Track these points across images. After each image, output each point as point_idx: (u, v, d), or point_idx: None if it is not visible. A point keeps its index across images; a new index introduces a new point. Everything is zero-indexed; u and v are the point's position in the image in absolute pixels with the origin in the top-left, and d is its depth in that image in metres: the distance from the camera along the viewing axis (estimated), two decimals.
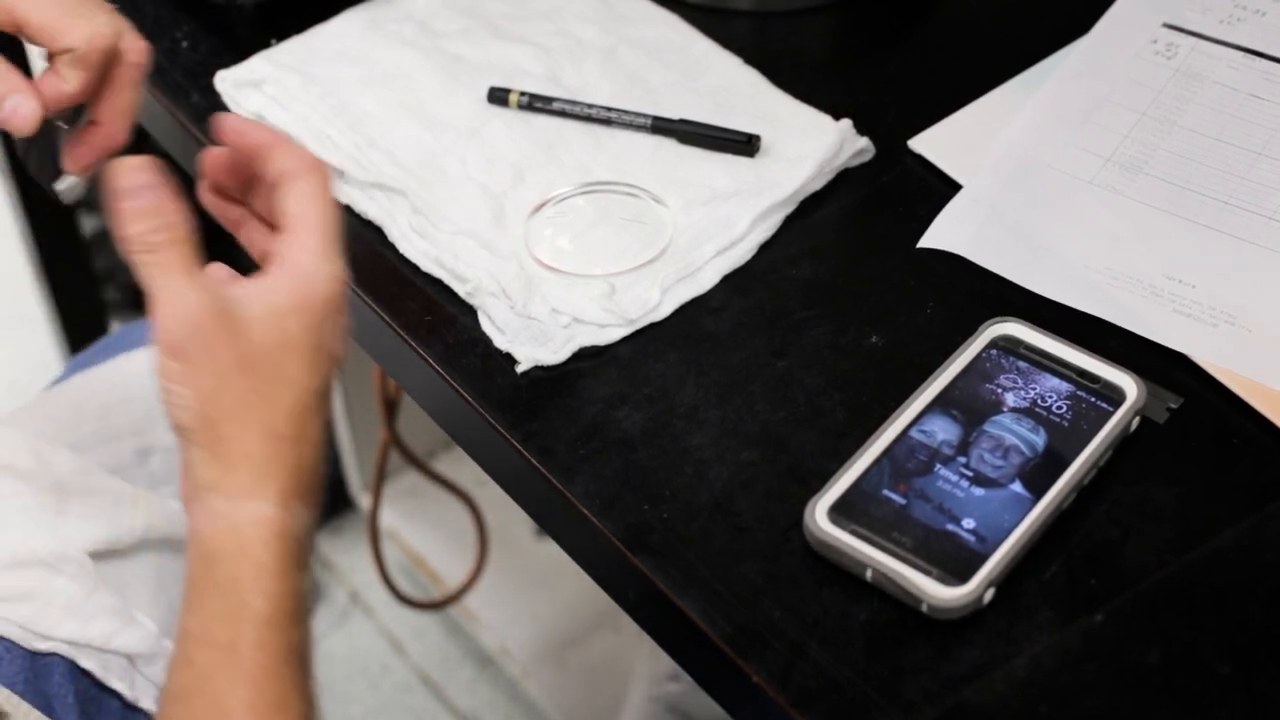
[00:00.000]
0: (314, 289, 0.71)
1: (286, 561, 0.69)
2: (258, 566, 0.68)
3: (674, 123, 0.95)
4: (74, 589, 0.93)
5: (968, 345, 0.82)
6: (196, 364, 0.69)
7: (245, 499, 0.69)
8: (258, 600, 0.68)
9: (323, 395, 0.72)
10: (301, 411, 0.70)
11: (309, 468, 0.71)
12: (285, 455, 0.70)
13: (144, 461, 1.05)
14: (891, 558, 0.73)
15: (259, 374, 0.70)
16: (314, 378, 0.71)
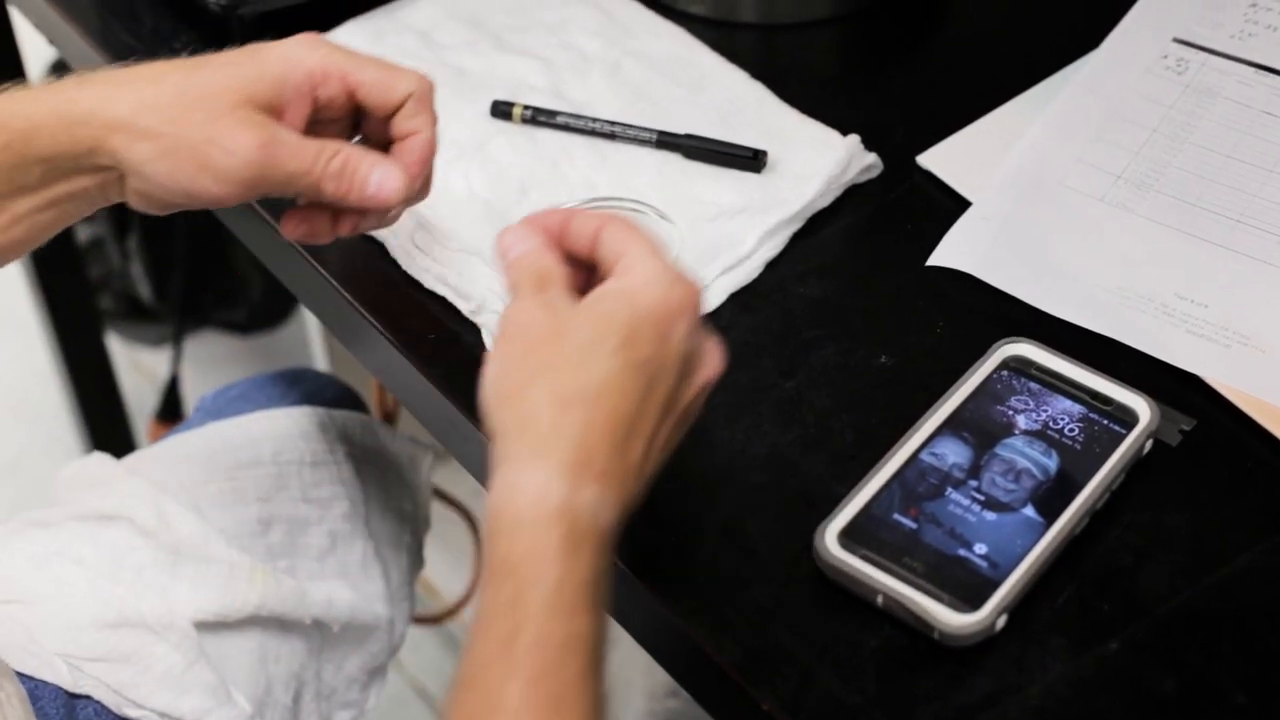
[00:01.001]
0: (646, 296, 0.69)
1: (567, 545, 0.63)
2: (537, 550, 0.64)
3: (679, 137, 0.94)
4: (175, 658, 0.91)
5: (978, 366, 0.81)
6: (508, 338, 0.69)
7: (528, 467, 0.65)
8: (536, 588, 0.63)
9: (652, 401, 0.68)
10: (601, 390, 0.66)
11: (604, 449, 0.66)
12: (576, 421, 0.66)
13: (265, 532, 1.03)
14: (903, 583, 0.72)
15: (560, 346, 0.68)
16: (626, 369, 0.67)
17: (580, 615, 0.63)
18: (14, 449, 2.00)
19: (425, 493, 1.16)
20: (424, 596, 1.73)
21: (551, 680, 0.62)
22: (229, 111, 0.76)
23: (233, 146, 0.76)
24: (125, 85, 0.78)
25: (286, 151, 0.77)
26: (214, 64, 0.78)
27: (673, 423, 0.70)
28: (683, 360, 0.70)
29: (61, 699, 0.89)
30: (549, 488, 0.64)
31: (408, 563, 1.14)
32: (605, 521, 0.66)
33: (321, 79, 0.79)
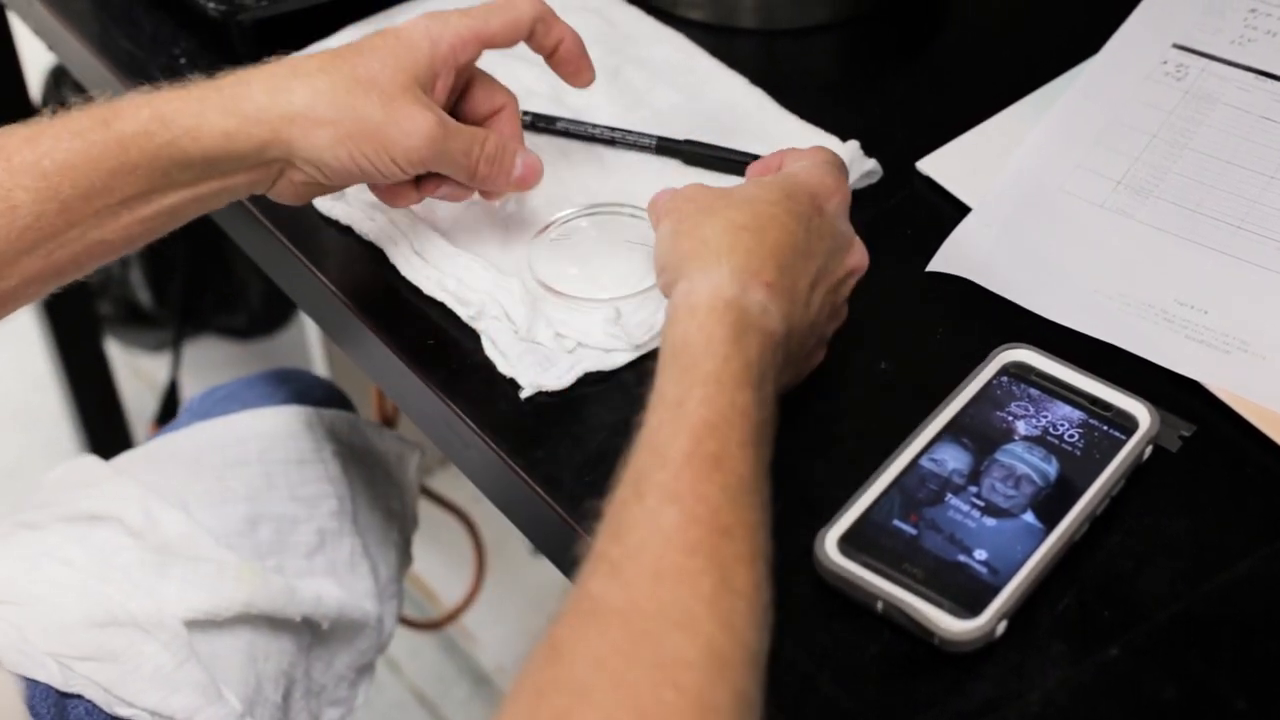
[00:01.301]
0: (804, 174, 0.80)
1: (736, 329, 0.70)
2: (707, 331, 0.70)
3: (679, 143, 0.94)
4: (164, 657, 0.92)
5: (978, 372, 0.81)
6: (680, 201, 0.79)
7: (704, 274, 0.73)
8: (706, 361, 0.69)
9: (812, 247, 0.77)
10: (766, 222, 0.75)
11: (771, 265, 0.73)
12: (745, 240, 0.74)
13: (253, 530, 1.03)
14: (902, 589, 0.72)
15: (730, 197, 0.77)
16: (788, 213, 0.76)
17: (745, 390, 0.69)
18: (13, 454, 2.00)
19: (413, 491, 1.16)
20: (424, 602, 1.73)
21: (714, 440, 0.67)
22: (401, 94, 0.81)
23: (410, 128, 0.81)
24: (293, 78, 0.81)
25: (454, 132, 0.83)
26: (368, 50, 0.82)
27: (825, 288, 0.78)
28: (835, 232, 0.78)
29: (52, 698, 0.89)
30: (722, 285, 0.72)
31: (396, 560, 1.15)
32: (772, 323, 0.72)
33: (461, 47, 0.84)
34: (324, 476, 1.08)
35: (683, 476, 0.66)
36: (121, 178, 0.80)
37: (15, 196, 0.78)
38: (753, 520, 0.66)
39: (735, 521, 0.65)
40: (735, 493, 0.66)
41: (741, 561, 0.64)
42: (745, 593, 0.63)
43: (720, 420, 0.67)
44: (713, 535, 0.64)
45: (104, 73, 1.06)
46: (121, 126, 0.79)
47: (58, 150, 0.79)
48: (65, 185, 0.79)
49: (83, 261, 0.84)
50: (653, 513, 0.65)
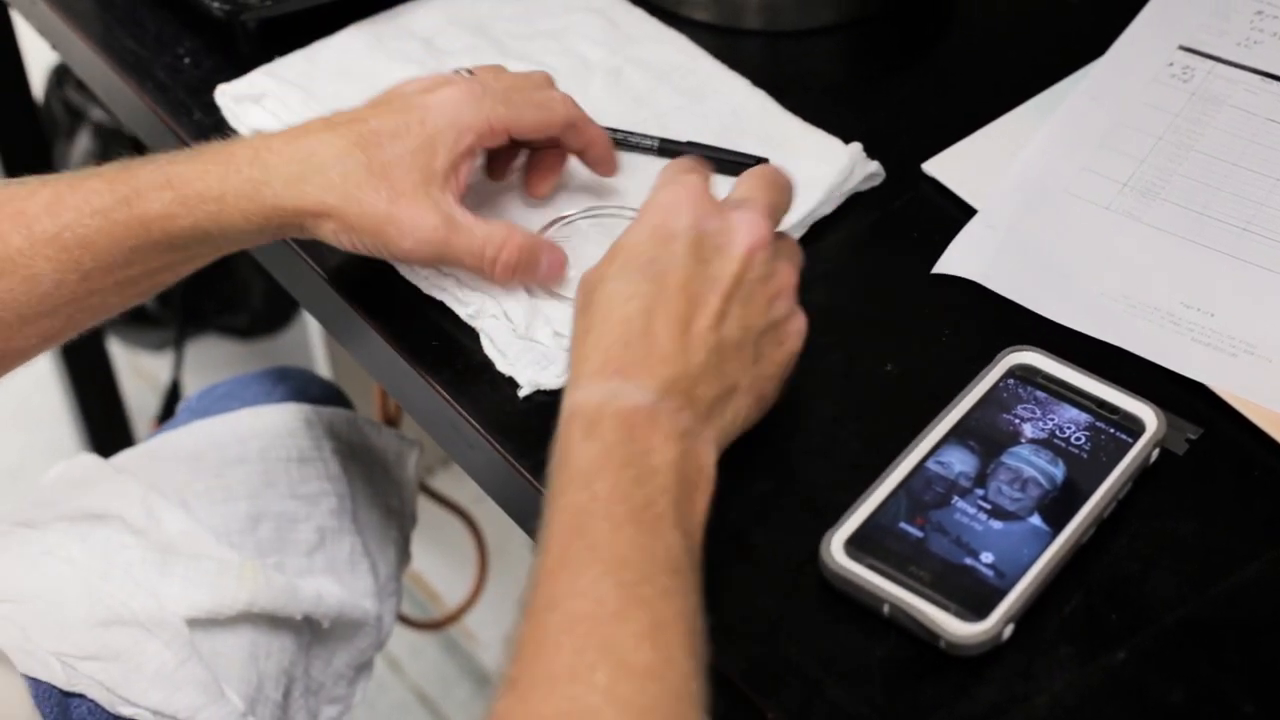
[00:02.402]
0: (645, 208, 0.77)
1: (580, 433, 0.69)
2: (560, 449, 0.70)
3: (682, 145, 0.94)
4: (166, 656, 0.92)
5: (984, 374, 0.81)
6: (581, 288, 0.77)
7: (565, 398, 0.72)
8: (559, 476, 0.69)
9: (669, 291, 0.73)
10: (607, 309, 0.73)
11: (617, 349, 0.72)
12: (590, 347, 0.72)
13: (254, 528, 1.03)
14: (909, 593, 0.71)
15: (588, 293, 0.75)
16: (624, 279, 0.74)
17: (602, 479, 0.67)
18: (15, 454, 2.00)
19: (412, 488, 1.16)
20: (426, 602, 1.73)
21: (579, 539, 0.66)
22: (411, 190, 0.81)
23: (410, 228, 0.81)
24: (309, 166, 0.81)
25: (459, 236, 0.82)
26: (389, 136, 0.82)
27: (718, 299, 0.74)
28: (693, 244, 0.74)
29: (56, 697, 0.89)
30: (572, 398, 0.71)
31: (395, 558, 1.15)
32: (634, 401, 0.70)
33: (489, 137, 0.84)
34: (323, 474, 1.08)
35: (556, 583, 0.65)
36: (143, 254, 0.82)
37: (36, 265, 0.81)
38: (646, 595, 0.64)
39: (623, 604, 0.64)
40: (617, 577, 0.65)
41: (642, 639, 0.63)
42: (651, 671, 0.62)
43: (581, 518, 0.67)
44: (600, 625, 0.63)
45: (107, 72, 1.06)
46: (144, 208, 0.81)
47: (79, 225, 0.81)
48: (86, 258, 0.81)
49: (101, 318, 0.86)
50: (539, 625, 0.64)
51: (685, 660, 0.64)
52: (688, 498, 0.69)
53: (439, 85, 0.84)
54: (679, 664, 0.63)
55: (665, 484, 0.68)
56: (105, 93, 1.11)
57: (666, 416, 0.70)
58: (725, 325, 0.74)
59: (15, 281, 0.81)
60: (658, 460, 0.69)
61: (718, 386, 0.73)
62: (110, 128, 1.82)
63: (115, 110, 1.12)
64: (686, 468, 0.70)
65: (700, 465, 0.71)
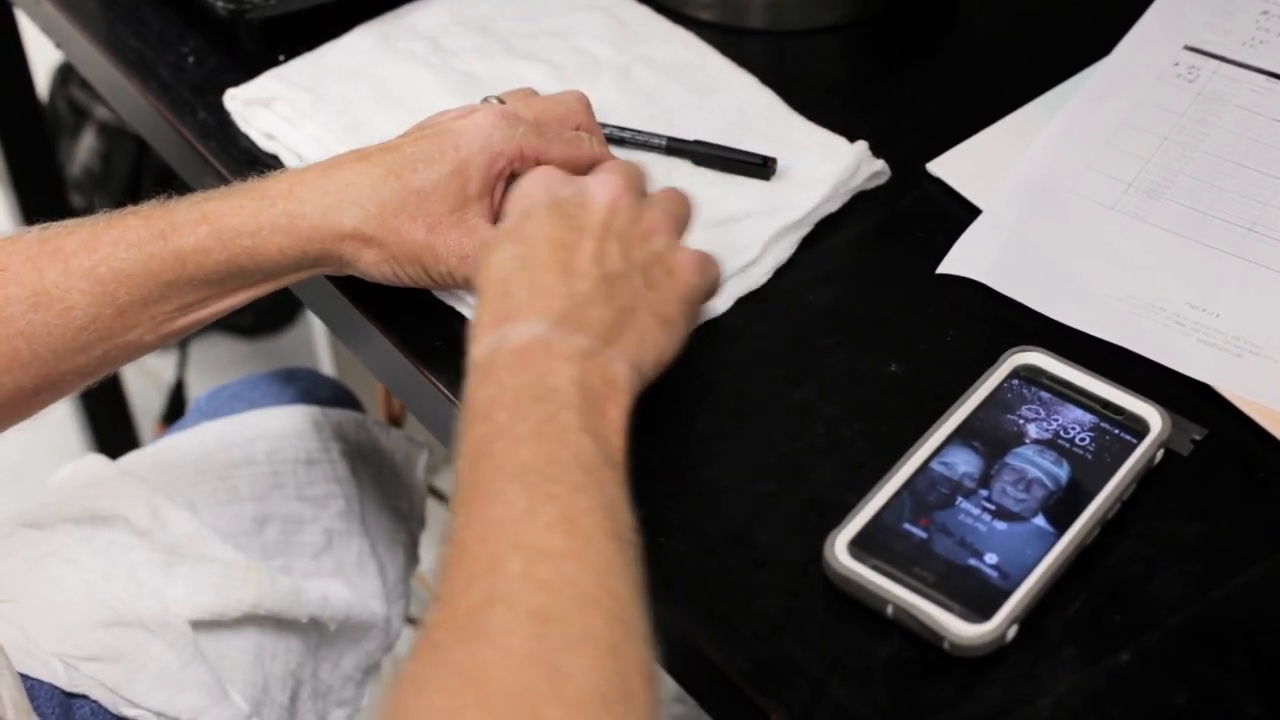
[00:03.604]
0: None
1: (478, 377, 0.70)
2: (465, 400, 0.70)
3: (688, 144, 0.94)
4: (170, 657, 0.92)
5: (989, 375, 0.80)
6: None
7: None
8: (462, 418, 0.69)
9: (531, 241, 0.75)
10: (486, 274, 0.74)
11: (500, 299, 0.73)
12: (479, 312, 0.74)
13: (260, 530, 1.03)
14: (913, 593, 0.71)
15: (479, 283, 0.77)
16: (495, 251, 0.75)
17: (498, 411, 0.68)
18: (17, 453, 1.99)
19: (421, 490, 1.16)
20: (428, 599, 1.72)
21: (484, 462, 0.66)
22: (448, 215, 0.82)
23: (447, 255, 0.82)
24: (345, 196, 0.81)
25: None
26: (423, 163, 0.82)
27: (591, 244, 0.75)
28: (554, 209, 0.77)
29: (58, 698, 0.89)
30: (471, 354, 0.72)
31: (404, 560, 1.15)
32: (523, 336, 0.71)
33: (520, 162, 0.83)
34: (331, 476, 1.08)
35: (468, 505, 0.65)
36: (179, 288, 0.82)
37: (72, 298, 0.81)
38: (555, 492, 0.65)
39: (531, 503, 0.64)
40: (522, 483, 0.65)
41: (554, 528, 0.63)
42: (566, 553, 0.63)
43: (483, 446, 0.67)
44: (512, 525, 0.64)
45: (111, 71, 1.06)
46: (179, 242, 0.81)
47: (114, 258, 0.81)
48: (122, 292, 0.81)
49: (135, 357, 0.86)
50: (456, 543, 0.64)
51: (604, 541, 0.64)
52: (596, 409, 0.69)
53: (471, 112, 0.84)
54: (596, 543, 0.64)
55: (567, 399, 0.69)
56: (109, 91, 1.11)
57: (559, 341, 0.71)
58: (605, 259, 0.75)
59: (51, 315, 0.81)
60: (557, 380, 0.69)
61: (611, 310, 0.73)
62: (114, 126, 1.82)
63: (119, 109, 1.12)
64: (590, 380, 0.70)
65: (607, 377, 0.71)
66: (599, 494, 0.66)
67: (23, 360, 0.81)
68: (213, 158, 0.98)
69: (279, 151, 0.97)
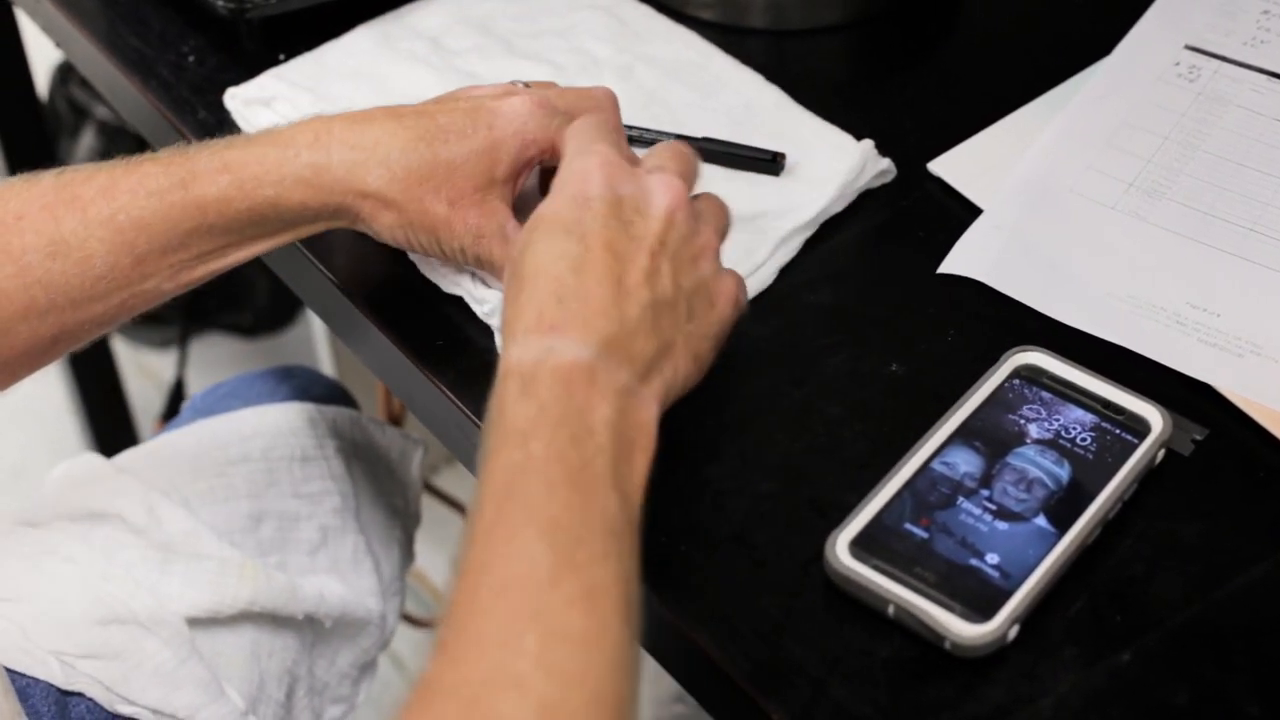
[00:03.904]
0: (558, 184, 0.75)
1: (515, 391, 0.67)
2: (494, 406, 0.68)
3: (696, 140, 0.93)
4: (166, 654, 0.92)
5: (990, 375, 0.80)
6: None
7: (504, 351, 0.70)
8: (493, 434, 0.67)
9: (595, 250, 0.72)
10: (536, 266, 0.71)
11: (550, 305, 0.70)
12: (521, 303, 0.71)
13: (255, 527, 1.03)
14: (914, 593, 0.71)
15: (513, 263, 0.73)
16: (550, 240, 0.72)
17: (537, 439, 0.66)
18: (17, 452, 2.00)
19: (416, 487, 1.16)
20: (429, 599, 1.73)
21: (513, 500, 0.64)
22: (470, 193, 0.80)
23: (463, 232, 0.81)
24: (373, 156, 0.80)
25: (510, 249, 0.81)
26: (456, 136, 0.80)
27: (645, 256, 0.72)
28: (610, 206, 0.73)
29: (54, 696, 0.89)
30: (505, 356, 0.69)
31: (399, 557, 1.15)
32: (569, 357, 0.68)
33: (550, 154, 0.82)
34: (327, 473, 1.08)
35: (490, 545, 0.63)
36: (199, 236, 0.81)
37: (90, 246, 0.80)
38: (581, 559, 0.63)
39: (557, 568, 0.62)
40: (551, 539, 0.63)
41: (574, 605, 0.61)
42: (584, 637, 0.61)
43: (515, 478, 0.65)
44: (534, 590, 0.62)
45: (111, 70, 1.06)
46: (200, 190, 0.80)
47: (134, 207, 0.80)
48: (141, 241, 0.80)
49: (153, 304, 0.85)
50: (470, 589, 0.63)
51: (620, 627, 0.62)
52: (626, 458, 0.68)
53: (509, 94, 0.82)
54: (613, 631, 0.62)
55: (602, 443, 0.67)
56: (109, 90, 1.11)
57: (604, 373, 0.68)
58: (657, 281, 0.72)
59: (69, 264, 0.80)
60: (595, 418, 0.67)
61: (654, 343, 0.71)
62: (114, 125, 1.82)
63: (119, 108, 1.12)
64: (625, 426, 0.68)
65: (640, 423, 0.69)
66: (618, 565, 0.64)
67: (40, 309, 0.81)
68: None
69: None
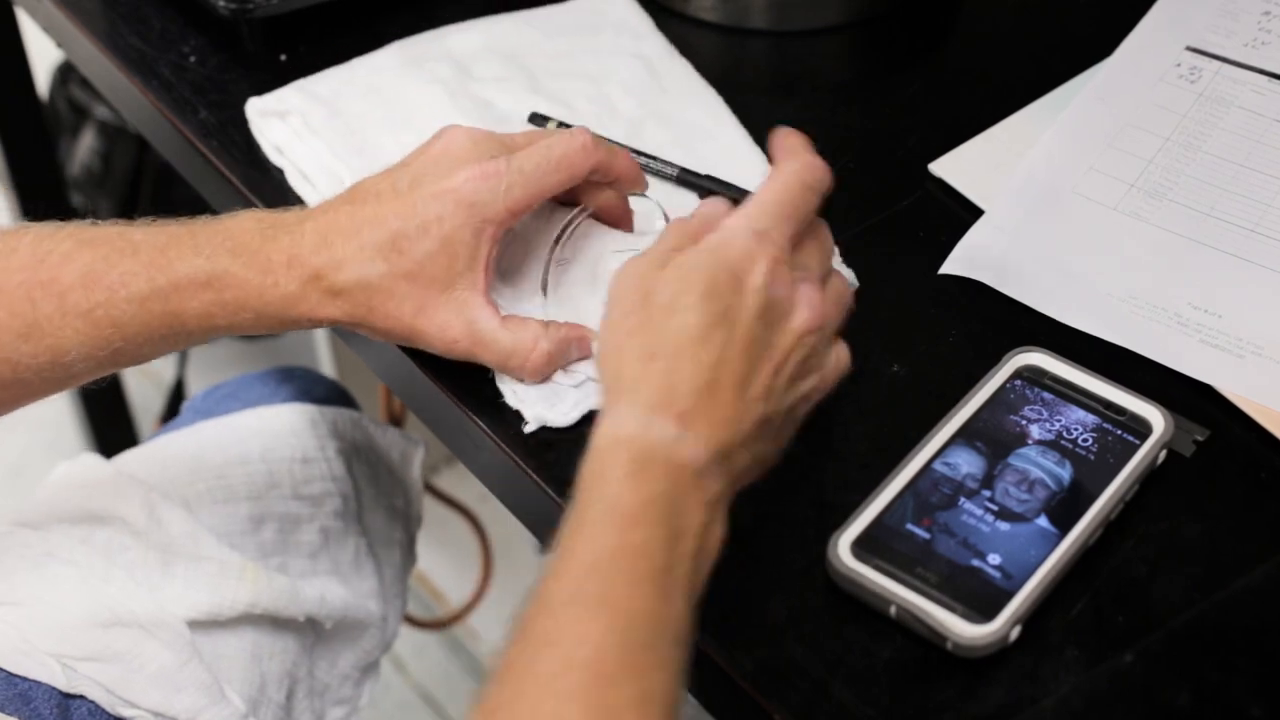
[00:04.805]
0: (723, 249, 0.72)
1: (633, 466, 0.67)
2: (601, 470, 0.67)
3: (700, 177, 0.91)
4: (167, 657, 0.92)
5: (991, 375, 0.80)
6: (611, 303, 0.73)
7: (612, 410, 0.69)
8: (597, 504, 0.66)
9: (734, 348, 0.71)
10: (681, 343, 0.70)
11: (686, 393, 0.69)
12: (656, 372, 0.69)
13: (256, 530, 1.03)
14: (916, 594, 0.71)
15: (648, 306, 0.71)
16: (705, 320, 0.70)
17: (638, 529, 0.65)
18: (16, 452, 1.99)
19: (417, 488, 1.16)
20: (430, 601, 1.73)
21: (598, 581, 0.64)
22: (435, 297, 0.79)
23: (434, 338, 0.80)
24: (337, 281, 0.79)
25: (484, 350, 0.80)
26: (407, 241, 0.78)
27: (770, 370, 0.72)
28: (763, 307, 0.72)
29: (55, 699, 0.89)
30: (624, 421, 0.68)
31: (400, 559, 1.15)
32: (687, 455, 0.68)
33: (510, 223, 0.81)
34: (327, 475, 1.08)
35: (562, 620, 0.63)
36: (175, 340, 0.82)
37: (65, 335, 0.81)
38: (646, 662, 0.63)
39: (622, 666, 0.62)
40: (625, 635, 0.63)
41: (629, 708, 0.61)
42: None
43: (606, 564, 0.64)
44: (595, 681, 0.62)
45: (112, 70, 1.06)
46: (181, 304, 0.80)
47: (113, 307, 0.80)
48: (117, 338, 0.81)
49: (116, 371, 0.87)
50: (531, 658, 0.63)
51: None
52: (700, 571, 0.68)
53: (455, 166, 0.80)
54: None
55: (689, 550, 0.67)
56: (110, 90, 1.11)
57: (709, 481, 0.68)
58: (770, 399, 0.72)
59: (40, 349, 0.80)
60: (689, 523, 0.67)
61: (752, 455, 0.71)
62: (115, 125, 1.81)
63: (120, 108, 1.12)
64: (708, 539, 0.68)
65: (718, 538, 0.69)
66: (674, 675, 0.64)
67: (4, 382, 0.82)
68: (214, 157, 0.98)
69: (285, 167, 0.96)
